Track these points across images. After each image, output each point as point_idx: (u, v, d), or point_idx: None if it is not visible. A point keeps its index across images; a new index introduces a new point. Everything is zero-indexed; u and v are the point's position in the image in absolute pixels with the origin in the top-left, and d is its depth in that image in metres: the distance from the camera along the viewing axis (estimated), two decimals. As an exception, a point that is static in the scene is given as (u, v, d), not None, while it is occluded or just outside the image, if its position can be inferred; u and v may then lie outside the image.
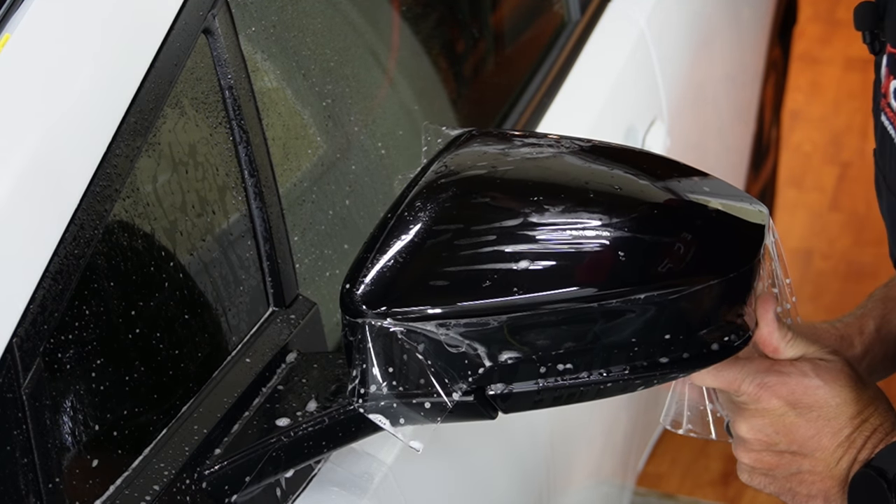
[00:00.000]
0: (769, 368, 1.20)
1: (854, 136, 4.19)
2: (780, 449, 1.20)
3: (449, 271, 1.09)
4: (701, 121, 2.56)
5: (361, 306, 1.08)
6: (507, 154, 1.17)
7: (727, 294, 1.13)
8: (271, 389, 1.23)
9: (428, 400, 1.11)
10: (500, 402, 1.12)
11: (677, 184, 1.16)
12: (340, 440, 1.19)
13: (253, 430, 1.19)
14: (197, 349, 1.21)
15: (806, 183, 4.01)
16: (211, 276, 1.23)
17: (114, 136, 1.11)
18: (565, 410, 1.19)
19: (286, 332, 1.28)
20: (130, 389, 1.13)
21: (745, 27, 2.89)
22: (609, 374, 1.12)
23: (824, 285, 3.62)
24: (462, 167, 1.16)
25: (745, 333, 1.15)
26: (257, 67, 1.32)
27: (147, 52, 1.16)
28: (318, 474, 1.26)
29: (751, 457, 1.22)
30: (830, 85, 4.44)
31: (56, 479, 1.05)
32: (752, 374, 1.20)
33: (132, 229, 1.15)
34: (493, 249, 1.09)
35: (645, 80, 2.22)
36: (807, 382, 1.19)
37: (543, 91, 2.01)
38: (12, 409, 1.02)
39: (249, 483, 1.17)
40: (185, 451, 1.15)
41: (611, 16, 2.22)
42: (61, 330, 1.06)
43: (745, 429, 1.21)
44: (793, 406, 1.19)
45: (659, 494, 2.99)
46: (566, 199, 1.12)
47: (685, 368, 1.13)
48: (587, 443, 2.01)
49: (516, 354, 1.10)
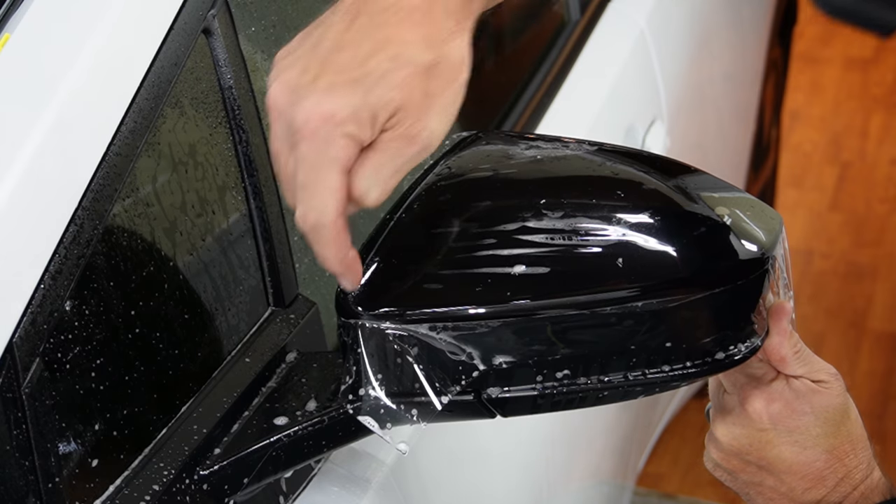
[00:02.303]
0: (765, 381, 1.19)
1: (854, 136, 4.20)
2: (748, 459, 1.20)
3: (444, 274, 1.09)
4: (701, 121, 2.56)
5: (356, 307, 1.08)
6: (510, 157, 1.16)
7: (733, 303, 1.11)
8: (271, 389, 1.23)
9: (421, 401, 1.11)
10: (498, 405, 1.12)
11: (687, 189, 1.14)
12: (340, 440, 1.19)
13: (252, 430, 1.19)
14: (197, 349, 1.21)
15: (806, 183, 4.01)
16: (211, 275, 1.23)
17: (113, 136, 1.11)
18: (565, 411, 1.18)
19: (286, 332, 1.28)
20: (130, 389, 1.13)
21: (745, 27, 2.89)
22: (608, 381, 1.11)
23: (824, 285, 3.62)
24: (463, 170, 1.16)
25: (752, 343, 1.13)
26: (257, 67, 1.32)
27: (146, 52, 1.16)
28: (318, 474, 1.26)
29: (719, 455, 1.22)
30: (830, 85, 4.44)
31: (56, 479, 1.05)
32: (747, 381, 1.19)
33: (132, 229, 1.15)
34: (490, 253, 1.09)
35: (645, 80, 2.22)
36: (795, 405, 1.18)
37: (543, 91, 2.01)
38: (12, 409, 1.02)
39: (249, 483, 1.18)
40: (185, 450, 1.15)
41: (611, 16, 2.22)
42: (61, 330, 1.06)
43: (722, 431, 1.21)
44: (774, 425, 1.18)
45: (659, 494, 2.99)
46: (566, 204, 1.11)
47: (687, 377, 1.12)
48: (587, 443, 2.01)
49: (511, 359, 1.09)
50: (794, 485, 1.19)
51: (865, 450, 1.19)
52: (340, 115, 0.97)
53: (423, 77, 0.98)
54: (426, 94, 0.98)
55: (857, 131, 4.22)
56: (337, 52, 0.98)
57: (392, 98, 0.97)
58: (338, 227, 1.00)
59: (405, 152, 0.99)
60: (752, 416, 1.18)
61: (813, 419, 1.18)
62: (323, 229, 1.00)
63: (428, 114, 0.98)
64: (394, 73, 0.97)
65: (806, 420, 1.18)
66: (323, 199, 0.99)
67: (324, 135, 0.97)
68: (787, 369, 1.18)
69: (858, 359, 3.38)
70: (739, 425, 1.19)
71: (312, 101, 0.97)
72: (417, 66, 0.98)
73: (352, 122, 0.97)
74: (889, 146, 4.11)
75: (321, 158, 0.98)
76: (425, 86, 0.98)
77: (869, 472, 1.19)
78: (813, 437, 1.18)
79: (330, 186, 0.98)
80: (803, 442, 1.18)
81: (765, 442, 1.18)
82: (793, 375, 1.18)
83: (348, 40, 0.98)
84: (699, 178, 1.17)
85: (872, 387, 3.28)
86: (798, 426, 1.18)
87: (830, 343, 3.42)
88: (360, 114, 0.97)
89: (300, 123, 0.97)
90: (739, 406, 1.19)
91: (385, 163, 0.99)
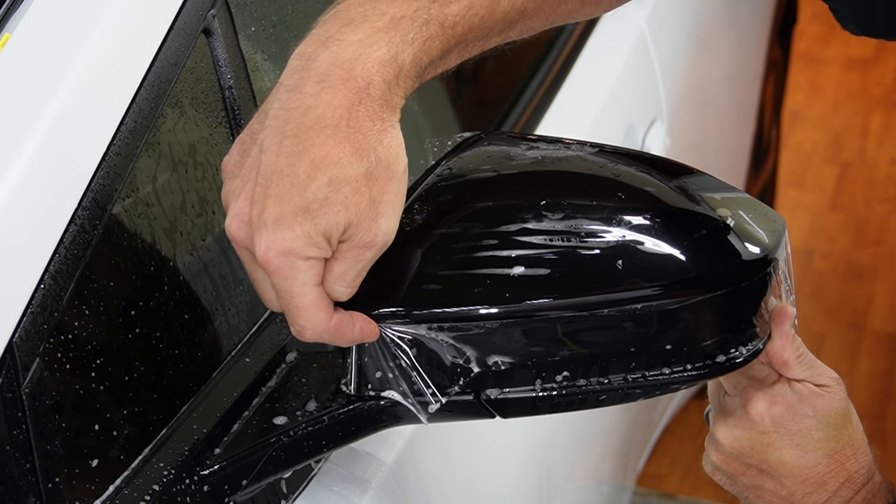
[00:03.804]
0: (767, 383, 1.18)
1: (854, 136, 4.20)
2: (749, 462, 1.20)
3: (444, 275, 1.09)
4: (701, 121, 2.56)
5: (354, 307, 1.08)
6: (511, 158, 1.16)
7: (735, 306, 1.11)
8: (271, 389, 1.23)
9: (420, 402, 1.11)
10: (497, 406, 1.12)
11: (689, 191, 1.13)
12: (340, 440, 1.19)
13: (252, 430, 1.19)
14: (197, 349, 1.21)
15: (806, 183, 4.01)
16: (211, 275, 1.23)
17: (113, 136, 1.11)
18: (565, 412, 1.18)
19: (286, 332, 1.28)
20: (130, 389, 1.13)
21: (745, 27, 2.89)
22: (608, 383, 1.10)
23: (824, 285, 3.62)
24: (464, 170, 1.15)
25: (753, 347, 1.13)
26: (257, 67, 1.32)
27: (146, 52, 1.16)
28: (318, 474, 1.26)
29: (719, 458, 1.22)
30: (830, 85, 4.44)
31: (56, 479, 1.05)
32: (749, 383, 1.19)
33: (132, 229, 1.15)
34: (490, 254, 1.09)
35: (645, 79, 2.22)
36: (797, 408, 1.18)
37: (543, 91, 2.01)
38: (12, 409, 1.02)
39: (249, 483, 1.17)
40: (185, 450, 1.15)
41: (611, 16, 2.22)
42: (61, 330, 1.06)
43: (723, 433, 1.21)
44: (776, 427, 1.18)
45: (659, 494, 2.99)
46: (567, 206, 1.10)
47: (688, 380, 1.12)
48: (587, 443, 2.01)
49: (510, 360, 1.09)
50: (795, 488, 1.19)
51: (866, 454, 1.19)
52: (297, 248, 1.01)
53: (363, 188, 1.01)
54: (371, 200, 1.02)
55: (857, 131, 4.22)
56: (277, 181, 1.01)
57: (339, 220, 1.01)
58: (335, 327, 1.06)
59: (364, 257, 1.04)
60: (753, 418, 1.18)
61: (815, 423, 1.18)
62: (322, 336, 1.06)
63: (377, 218, 1.02)
64: (334, 196, 1.00)
65: (808, 423, 1.18)
66: (310, 316, 1.05)
67: (288, 267, 1.02)
68: (790, 373, 1.17)
69: (858, 359, 3.38)
70: (741, 427, 1.19)
71: (267, 238, 1.01)
72: (355, 181, 1.01)
73: (309, 247, 1.01)
74: (889, 146, 4.11)
75: (293, 287, 1.03)
76: (368, 194, 1.01)
77: (870, 476, 1.19)
78: (814, 440, 1.18)
79: (311, 304, 1.04)
80: (805, 446, 1.18)
81: (766, 445, 1.18)
82: (795, 379, 1.18)
83: (283, 165, 1.01)
84: (701, 180, 1.17)
85: (872, 387, 3.28)
86: (800, 430, 1.18)
87: (830, 343, 3.42)
88: (314, 238, 1.01)
89: (263, 261, 1.02)
90: (741, 408, 1.19)
91: (347, 270, 1.04)
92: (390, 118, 1.03)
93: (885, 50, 4.50)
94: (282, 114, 1.02)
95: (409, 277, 1.09)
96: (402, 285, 1.09)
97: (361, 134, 1.01)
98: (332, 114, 1.01)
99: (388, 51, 1.02)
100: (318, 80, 1.01)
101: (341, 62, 1.02)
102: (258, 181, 1.02)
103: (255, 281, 1.07)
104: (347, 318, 1.07)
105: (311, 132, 1.01)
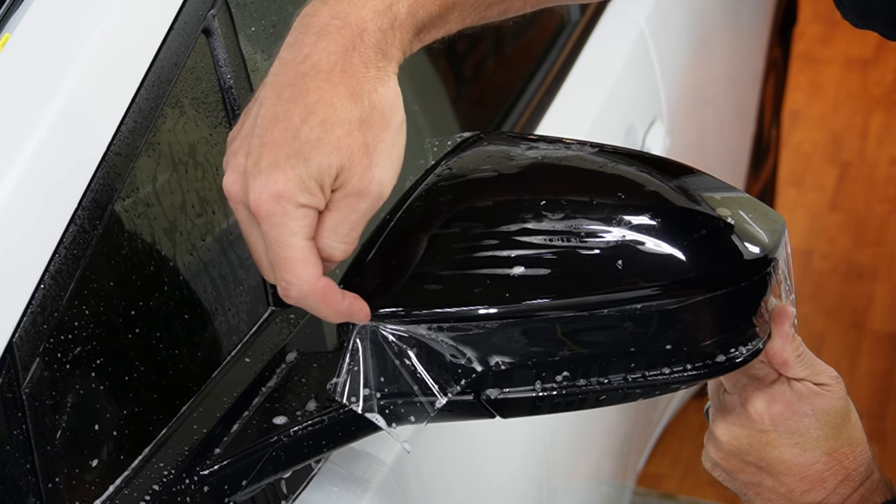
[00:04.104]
0: (767, 382, 1.19)
1: (854, 136, 4.20)
2: (748, 459, 1.20)
3: (444, 275, 1.09)
4: (701, 121, 2.56)
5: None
6: (511, 158, 1.16)
7: (735, 305, 1.11)
8: (271, 389, 1.23)
9: (420, 402, 1.11)
10: (497, 406, 1.12)
11: (689, 191, 1.13)
12: (340, 440, 1.19)
13: (252, 430, 1.19)
14: (197, 349, 1.21)
15: (806, 183, 4.01)
16: (211, 275, 1.23)
17: (113, 136, 1.11)
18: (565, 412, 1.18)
19: (286, 332, 1.28)
20: (130, 389, 1.13)
21: (745, 27, 2.89)
22: (608, 383, 1.10)
23: (824, 285, 3.62)
24: (464, 170, 1.15)
25: (753, 346, 1.13)
26: (257, 67, 1.32)
27: (146, 52, 1.16)
28: (318, 474, 1.26)
29: (718, 455, 1.22)
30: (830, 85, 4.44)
31: (56, 479, 1.05)
32: (748, 382, 1.19)
33: (132, 229, 1.15)
34: (489, 254, 1.09)
35: (645, 79, 2.22)
36: (797, 407, 1.18)
37: (543, 91, 2.01)
38: (12, 409, 1.02)
39: (249, 483, 1.17)
40: (185, 450, 1.15)
41: (611, 16, 2.22)
42: (61, 330, 1.06)
43: (722, 430, 1.21)
44: (775, 426, 1.18)
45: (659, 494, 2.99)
46: (567, 206, 1.10)
47: (688, 380, 1.12)
48: (587, 443, 2.01)
49: (510, 360, 1.09)
50: (794, 486, 1.19)
51: (865, 453, 1.20)
52: (289, 191, 0.99)
53: (357, 132, 1.01)
54: (365, 146, 1.01)
55: (857, 131, 4.22)
56: (272, 128, 1.01)
57: (331, 162, 1.00)
58: (321, 289, 1.03)
59: (358, 207, 1.02)
60: (753, 416, 1.18)
61: (814, 421, 1.18)
62: (308, 298, 1.03)
63: (371, 166, 1.01)
64: (326, 137, 1.00)
65: (807, 422, 1.18)
66: (296, 271, 1.01)
67: (279, 213, 1.00)
68: (790, 372, 1.18)
69: (858, 359, 3.38)
70: (740, 425, 1.19)
71: (260, 183, 1.00)
72: (348, 123, 1.00)
73: (301, 193, 1.00)
74: (889, 146, 4.11)
75: (283, 235, 1.00)
76: (362, 139, 1.01)
77: (868, 473, 1.19)
78: (813, 439, 1.18)
79: (299, 258, 1.01)
80: (804, 444, 1.18)
81: (765, 443, 1.19)
82: (795, 378, 1.18)
83: (280, 113, 1.01)
84: (701, 180, 1.17)
85: (872, 387, 3.28)
86: (799, 428, 1.18)
87: (830, 343, 3.42)
88: (307, 183, 1.00)
89: (255, 207, 1.00)
90: (740, 406, 1.19)
91: (341, 221, 1.02)
92: (386, 67, 1.03)
93: (885, 50, 4.49)
94: (280, 68, 1.03)
95: (409, 277, 1.09)
96: (403, 285, 1.09)
97: (355, 79, 1.01)
98: (326, 59, 1.01)
99: (382, 0, 1.04)
100: (316, 32, 1.02)
101: (337, 13, 1.03)
102: (255, 133, 1.02)
103: (251, 245, 1.05)
104: (337, 287, 1.05)
105: (306, 78, 1.01)
